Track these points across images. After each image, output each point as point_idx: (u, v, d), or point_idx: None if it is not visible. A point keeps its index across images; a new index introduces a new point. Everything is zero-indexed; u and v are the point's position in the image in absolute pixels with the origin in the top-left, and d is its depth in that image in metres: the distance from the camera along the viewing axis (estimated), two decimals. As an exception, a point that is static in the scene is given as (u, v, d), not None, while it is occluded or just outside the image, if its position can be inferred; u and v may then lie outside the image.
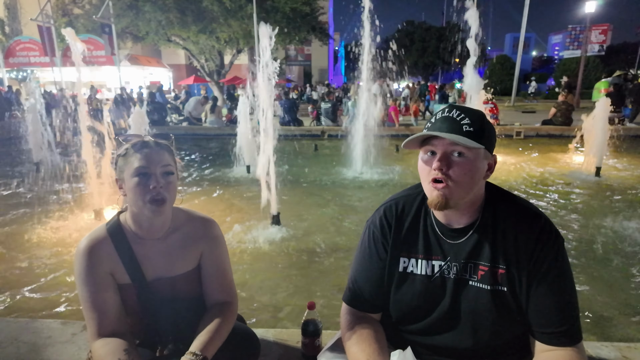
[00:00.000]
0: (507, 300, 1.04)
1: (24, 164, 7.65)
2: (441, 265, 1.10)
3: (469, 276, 1.07)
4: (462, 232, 1.08)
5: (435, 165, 0.99)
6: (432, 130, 1.01)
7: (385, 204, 1.20)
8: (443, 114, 1.03)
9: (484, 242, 1.06)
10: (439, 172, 0.99)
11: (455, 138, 0.96)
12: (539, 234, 1.02)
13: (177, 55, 31.23)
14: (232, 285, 1.40)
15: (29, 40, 18.10)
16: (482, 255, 1.06)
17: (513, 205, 1.08)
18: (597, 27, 29.66)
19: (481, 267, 1.06)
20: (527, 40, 35.76)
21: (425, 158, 1.04)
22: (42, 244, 3.82)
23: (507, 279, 1.03)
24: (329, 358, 1.21)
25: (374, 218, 1.20)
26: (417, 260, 1.12)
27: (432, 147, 1.02)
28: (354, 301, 1.19)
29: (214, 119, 12.16)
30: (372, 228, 1.19)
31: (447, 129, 0.99)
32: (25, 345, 1.74)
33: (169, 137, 1.32)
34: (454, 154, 0.99)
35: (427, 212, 1.14)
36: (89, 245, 1.22)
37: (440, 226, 1.11)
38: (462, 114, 1.01)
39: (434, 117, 1.05)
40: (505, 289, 1.03)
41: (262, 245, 3.77)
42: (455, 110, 1.02)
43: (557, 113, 10.49)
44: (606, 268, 3.27)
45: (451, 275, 1.09)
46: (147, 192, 1.18)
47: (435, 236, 1.12)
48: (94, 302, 1.19)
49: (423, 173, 1.05)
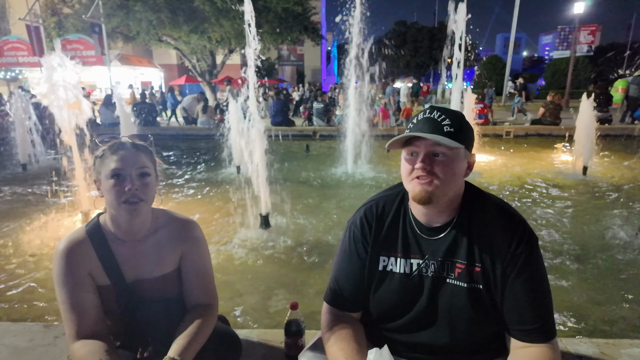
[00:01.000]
0: (483, 297, 1.06)
1: (10, 165, 7.54)
2: (419, 264, 1.12)
3: (446, 274, 1.09)
4: (440, 230, 1.11)
5: (419, 165, 1.02)
6: (414, 131, 1.04)
7: (365, 205, 1.22)
8: (424, 115, 1.06)
9: (460, 240, 1.09)
10: (422, 171, 1.02)
11: (438, 139, 1.00)
12: (514, 233, 1.05)
13: (169, 55, 30.97)
14: (212, 287, 1.40)
15: (17, 40, 17.84)
16: (458, 253, 1.09)
17: (489, 205, 1.11)
18: (585, 28, 30.04)
19: (458, 265, 1.08)
20: (517, 40, 36.17)
21: (408, 158, 1.07)
22: (27, 247, 3.77)
23: (482, 276, 1.06)
24: (310, 357, 1.22)
25: (355, 218, 1.22)
26: (396, 258, 1.14)
27: (414, 148, 1.05)
28: (335, 301, 1.21)
29: (205, 119, 12.11)
30: (352, 228, 1.20)
31: (428, 130, 1.02)
32: (6, 348, 1.73)
33: (147, 138, 1.32)
34: (436, 153, 1.03)
35: (406, 211, 1.17)
36: (68, 247, 1.22)
37: (418, 225, 1.14)
38: (443, 114, 1.04)
39: (415, 118, 1.08)
40: (481, 286, 1.06)
41: (250, 245, 3.76)
42: (436, 111, 1.05)
43: (545, 113, 10.61)
44: (589, 264, 3.32)
45: (429, 273, 1.11)
46: (122, 194, 1.19)
47: (413, 234, 1.14)
48: (72, 304, 1.19)
49: (406, 172, 1.07)
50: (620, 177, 6.20)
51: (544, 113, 10.62)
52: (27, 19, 15.33)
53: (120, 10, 15.55)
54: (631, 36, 42.25)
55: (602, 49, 42.55)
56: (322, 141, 10.64)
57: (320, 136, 11.06)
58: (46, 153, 8.03)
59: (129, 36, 17.43)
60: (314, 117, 11.97)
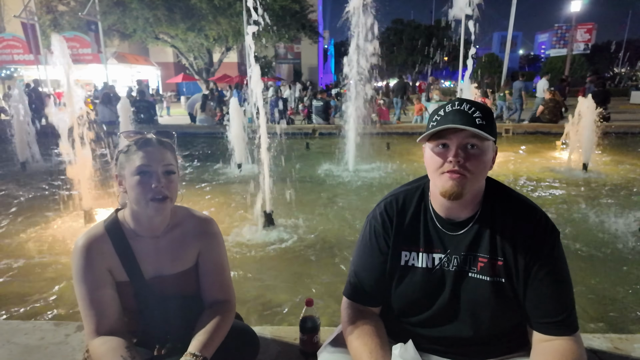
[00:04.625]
0: (505, 291, 1.06)
1: (9, 163, 7.48)
2: (441, 258, 1.12)
3: (468, 268, 1.09)
4: (462, 225, 1.10)
5: (452, 159, 1.00)
6: (444, 123, 1.01)
7: (385, 199, 1.21)
8: (453, 107, 1.03)
9: (483, 235, 1.08)
10: (455, 165, 1.00)
11: (476, 131, 0.98)
12: (536, 226, 1.05)
13: (166, 53, 30.85)
14: (229, 283, 1.40)
15: (13, 38, 17.68)
16: (481, 247, 1.08)
17: (511, 199, 1.10)
18: (582, 26, 30.20)
19: (480, 259, 1.08)
20: (514, 38, 36.15)
21: (437, 150, 1.03)
22: (32, 245, 3.74)
23: (505, 270, 1.06)
24: (330, 353, 1.21)
25: (375, 213, 1.21)
26: (418, 253, 1.14)
27: (445, 140, 1.02)
28: (355, 295, 1.20)
29: (204, 117, 12.07)
30: (373, 223, 1.19)
31: (461, 122, 0.99)
32: (17, 347, 1.71)
33: (172, 135, 1.31)
34: (468, 146, 1.01)
35: (427, 206, 1.16)
36: (87, 243, 1.20)
37: (440, 219, 1.13)
38: (473, 106, 1.02)
39: (441, 110, 1.05)
40: (504, 280, 1.06)
41: (255, 243, 3.75)
42: (466, 103, 1.02)
43: (544, 111, 10.66)
44: (594, 260, 3.34)
45: (451, 268, 1.11)
46: (148, 191, 1.17)
47: (435, 229, 1.13)
48: (91, 300, 1.18)
49: (434, 165, 1.04)
50: (620, 174, 6.24)
51: (543, 111, 10.66)
52: (22, 17, 15.18)
53: (117, 7, 15.48)
54: (627, 34, 42.48)
55: (598, 48, 42.77)
56: (321, 139, 10.63)
57: (320, 134, 11.05)
58: (47, 150, 7.96)
59: (126, 34, 17.36)
60: (314, 115, 11.96)
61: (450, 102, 1.06)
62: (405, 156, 8.15)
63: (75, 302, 2.66)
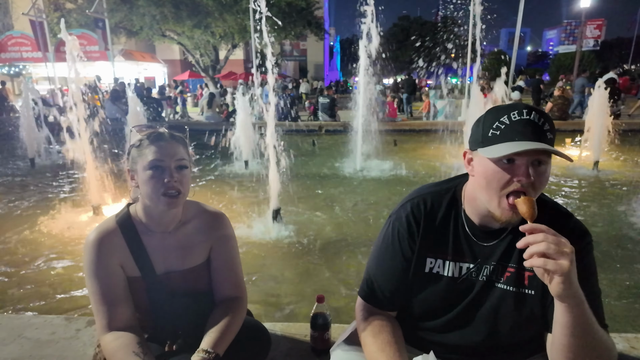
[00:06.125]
0: (530, 302, 1.02)
1: (19, 159, 7.54)
2: (469, 268, 1.07)
3: (496, 278, 1.05)
4: (496, 235, 1.05)
5: (524, 177, 0.90)
6: (514, 134, 0.91)
7: (411, 200, 1.13)
8: (522, 116, 0.92)
9: (515, 244, 1.01)
10: (526, 185, 0.91)
11: (553, 150, 0.89)
12: (571, 233, 0.99)
13: (172, 51, 30.95)
14: (241, 280, 1.38)
15: (21, 35, 17.78)
16: (512, 257, 1.03)
17: (546, 206, 1.05)
18: (592, 22, 29.81)
19: (509, 269, 1.04)
20: (522, 35, 35.86)
21: (501, 165, 0.93)
22: (39, 241, 3.77)
23: (535, 281, 1.01)
24: (345, 351, 1.19)
25: (400, 214, 1.12)
26: (445, 261, 1.08)
27: (512, 155, 0.92)
28: (371, 298, 1.15)
29: (211, 114, 12.09)
30: (397, 225, 1.11)
31: (533, 136, 0.90)
32: (28, 341, 1.71)
33: (184, 130, 1.29)
34: (536, 162, 0.92)
35: (458, 212, 1.09)
36: (98, 237, 1.19)
37: (472, 227, 1.07)
38: (542, 117, 0.92)
39: (504, 116, 0.94)
40: (531, 291, 1.02)
41: (263, 240, 3.75)
42: (535, 113, 0.92)
43: (553, 108, 10.54)
44: (611, 260, 3.29)
45: (480, 278, 1.06)
46: (161, 186, 1.16)
47: (466, 238, 1.07)
48: (104, 295, 1.17)
49: (497, 183, 0.94)
50: (632, 172, 6.15)
51: (552, 108, 10.54)
52: (30, 14, 15.27)
53: (124, 5, 15.53)
54: (637, 30, 41.84)
55: (607, 44, 42.20)
56: (328, 136, 10.61)
57: (326, 131, 11.02)
58: (55, 146, 8.01)
59: (132, 31, 17.42)
60: (320, 112, 11.93)
61: (514, 108, 0.94)
62: (412, 153, 8.11)
63: (83, 297, 2.68)
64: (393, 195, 5.17)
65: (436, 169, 6.69)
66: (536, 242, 0.82)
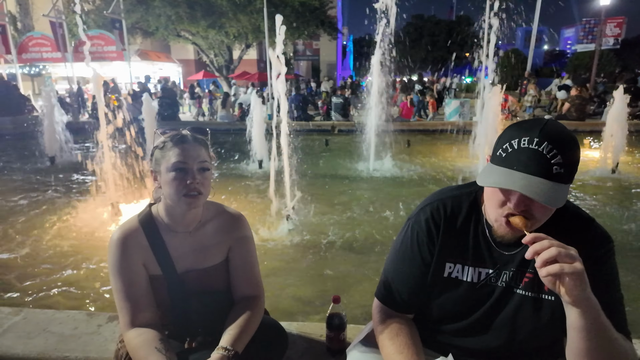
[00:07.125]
0: (550, 307, 1.02)
1: (40, 158, 7.73)
2: (488, 273, 1.06)
3: (514, 284, 1.05)
4: (518, 243, 1.02)
5: (515, 208, 0.91)
6: (513, 162, 0.89)
7: (430, 203, 1.11)
8: (530, 145, 0.87)
9: None
10: (517, 212, 0.92)
11: (540, 198, 0.85)
12: (593, 239, 1.00)
13: (187, 51, 31.28)
14: (259, 279, 1.41)
15: (41, 36, 18.20)
16: (530, 262, 1.02)
17: (568, 211, 1.03)
18: (612, 20, 28.98)
19: (527, 275, 1.03)
20: (539, 34, 35.10)
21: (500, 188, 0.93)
22: (62, 238, 3.87)
23: None
24: (361, 352, 1.20)
25: (419, 218, 1.11)
26: (464, 266, 1.08)
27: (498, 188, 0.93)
28: (389, 301, 1.15)
29: (225, 114, 12.19)
30: (416, 229, 1.11)
31: (533, 169, 0.86)
32: (53, 335, 1.77)
33: (206, 133, 1.32)
34: (528, 198, 0.89)
35: (479, 218, 1.08)
36: (122, 236, 1.23)
37: (493, 235, 1.05)
38: (554, 149, 0.85)
39: (515, 139, 0.90)
40: (552, 297, 1.01)
41: (277, 240, 3.78)
42: (547, 143, 0.86)
43: (571, 108, 10.34)
44: (629, 263, 3.22)
45: (499, 284, 1.06)
46: (183, 187, 1.19)
47: (486, 244, 1.07)
48: (127, 292, 1.20)
49: (495, 203, 0.95)
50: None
51: (569, 108, 10.34)
52: (50, 15, 15.64)
53: (140, 6, 15.78)
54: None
55: (627, 42, 41.12)
56: (340, 136, 10.60)
57: (339, 131, 11.01)
58: (74, 146, 8.19)
59: (148, 31, 17.67)
60: (332, 112, 11.93)
61: (528, 133, 0.89)
62: (427, 155, 8.06)
63: (105, 293, 2.74)
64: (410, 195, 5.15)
65: (451, 170, 6.64)
66: (544, 248, 0.81)
